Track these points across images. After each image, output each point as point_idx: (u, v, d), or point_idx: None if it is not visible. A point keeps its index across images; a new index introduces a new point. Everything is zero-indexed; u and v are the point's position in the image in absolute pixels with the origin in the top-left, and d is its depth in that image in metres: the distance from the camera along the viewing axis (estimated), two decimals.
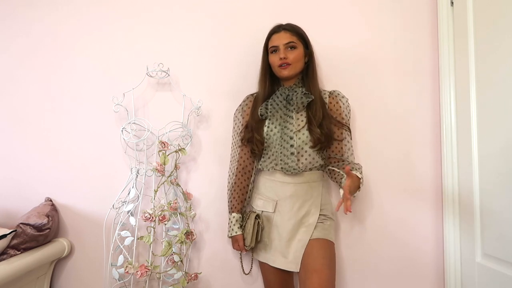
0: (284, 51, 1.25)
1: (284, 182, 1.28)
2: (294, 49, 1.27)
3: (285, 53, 1.25)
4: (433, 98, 1.53)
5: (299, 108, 1.27)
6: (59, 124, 1.59)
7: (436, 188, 1.51)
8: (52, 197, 1.56)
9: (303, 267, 1.19)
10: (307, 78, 1.31)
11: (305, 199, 1.27)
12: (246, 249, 1.31)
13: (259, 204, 1.33)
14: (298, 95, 1.27)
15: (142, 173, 1.45)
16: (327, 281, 1.13)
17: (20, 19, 1.63)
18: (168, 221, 1.36)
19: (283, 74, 1.28)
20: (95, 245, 1.52)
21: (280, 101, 1.29)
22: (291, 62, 1.26)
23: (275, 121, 1.28)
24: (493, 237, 1.21)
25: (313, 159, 1.26)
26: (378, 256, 1.51)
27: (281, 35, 1.27)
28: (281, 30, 1.29)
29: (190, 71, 1.57)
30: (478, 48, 1.30)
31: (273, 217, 1.29)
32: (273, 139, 1.27)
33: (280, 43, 1.26)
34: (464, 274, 1.36)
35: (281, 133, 1.26)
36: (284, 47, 1.26)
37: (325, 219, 1.28)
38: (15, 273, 1.22)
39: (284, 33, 1.27)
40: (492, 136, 1.22)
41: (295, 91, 1.28)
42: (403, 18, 1.55)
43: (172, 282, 1.38)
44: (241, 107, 1.42)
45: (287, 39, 1.26)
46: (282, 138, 1.25)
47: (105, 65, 1.59)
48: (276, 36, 1.28)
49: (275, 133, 1.27)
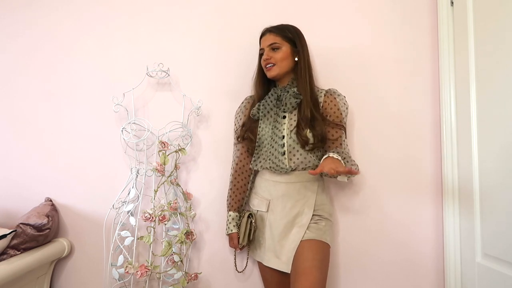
0: (268, 52, 1.30)
1: (276, 182, 1.28)
2: (278, 49, 1.29)
3: (268, 54, 1.29)
4: (433, 98, 1.53)
5: (289, 109, 1.28)
6: (59, 124, 1.59)
7: (436, 188, 1.51)
8: (52, 197, 1.56)
9: (293, 268, 1.18)
10: (296, 77, 1.31)
11: (297, 199, 1.27)
12: (240, 248, 1.35)
13: (254, 203, 1.35)
14: (287, 96, 1.27)
15: (142, 173, 1.45)
16: (315, 284, 1.10)
17: (19, 19, 1.63)
18: (168, 221, 1.36)
19: (269, 75, 1.31)
20: (95, 245, 1.52)
21: (271, 101, 1.30)
22: (275, 62, 1.29)
23: (266, 121, 1.30)
24: (493, 237, 1.21)
25: (304, 158, 1.26)
26: (378, 255, 1.51)
27: (266, 38, 1.32)
28: (267, 32, 1.33)
29: (190, 71, 1.57)
30: (478, 48, 1.30)
31: (267, 216, 1.30)
32: (264, 138, 1.29)
33: (264, 45, 1.31)
34: (464, 274, 1.36)
35: (272, 133, 1.27)
36: (268, 49, 1.30)
37: (319, 220, 1.27)
38: (15, 273, 1.22)
39: (269, 35, 1.32)
40: (492, 135, 1.22)
41: (287, 91, 1.29)
42: (403, 18, 1.55)
43: (172, 282, 1.38)
44: (240, 108, 1.45)
45: (270, 41, 1.30)
46: (272, 138, 1.27)
47: (105, 65, 1.59)
48: (263, 39, 1.34)
49: (266, 132, 1.29)
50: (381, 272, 1.50)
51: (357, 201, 1.52)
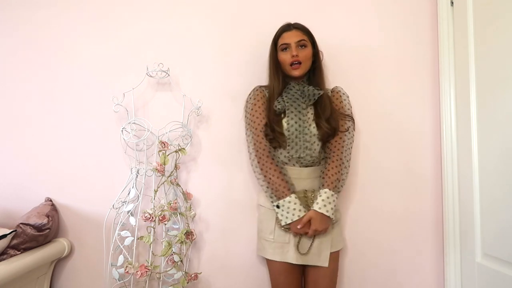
0: (296, 48, 1.28)
1: (301, 178, 1.29)
2: (305, 47, 1.30)
3: (296, 51, 1.28)
4: (433, 98, 1.53)
5: (309, 101, 1.30)
6: (59, 124, 1.59)
7: (436, 188, 1.51)
8: (52, 197, 1.56)
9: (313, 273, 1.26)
10: (314, 76, 1.35)
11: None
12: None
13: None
14: (309, 89, 1.30)
15: (142, 173, 1.45)
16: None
17: (19, 19, 1.63)
18: (168, 221, 1.36)
19: (294, 74, 1.30)
20: (95, 245, 1.52)
21: (295, 93, 1.31)
22: (302, 61, 1.29)
23: (291, 113, 1.29)
24: (493, 237, 1.21)
25: (319, 153, 1.30)
26: (377, 255, 1.51)
27: (292, 33, 1.30)
28: (292, 28, 1.32)
29: (190, 71, 1.57)
30: (478, 48, 1.30)
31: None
32: (292, 130, 1.27)
33: (291, 41, 1.29)
34: (464, 274, 1.36)
35: (298, 125, 1.28)
36: (295, 45, 1.28)
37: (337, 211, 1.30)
38: (15, 273, 1.22)
39: (296, 31, 1.31)
40: (492, 136, 1.22)
41: (306, 85, 1.33)
42: (403, 18, 1.55)
43: (172, 282, 1.38)
44: (252, 100, 1.36)
45: (299, 37, 1.29)
46: (298, 131, 1.27)
47: (105, 65, 1.59)
48: (287, 34, 1.31)
49: (293, 124, 1.28)
50: (381, 271, 1.50)
51: (356, 201, 1.52)
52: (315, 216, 1.19)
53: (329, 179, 1.24)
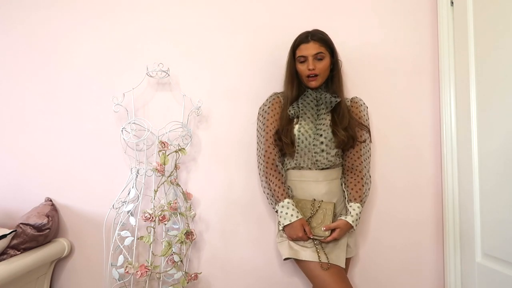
0: (313, 62, 1.28)
1: (318, 181, 1.29)
2: (322, 60, 1.29)
3: (313, 64, 1.28)
4: (433, 98, 1.53)
5: (327, 109, 1.31)
6: (59, 124, 1.59)
7: (436, 188, 1.51)
8: (52, 197, 1.56)
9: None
10: (332, 84, 1.35)
11: (340, 195, 1.32)
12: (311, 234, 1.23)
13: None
14: (326, 96, 1.31)
15: (142, 173, 1.45)
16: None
17: (17, 19, 1.63)
18: (168, 221, 1.36)
19: (311, 85, 1.31)
20: (95, 245, 1.52)
21: (311, 101, 1.32)
22: (319, 73, 1.29)
23: (307, 119, 1.30)
24: (493, 237, 1.21)
25: (335, 158, 1.30)
26: (377, 254, 1.51)
27: (309, 46, 1.29)
28: (310, 40, 1.29)
29: (190, 71, 1.57)
30: (478, 48, 1.30)
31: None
32: (304, 137, 1.28)
33: (308, 53, 1.28)
34: (464, 274, 1.36)
35: (311, 132, 1.28)
36: (312, 58, 1.28)
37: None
38: (15, 273, 1.22)
39: (313, 44, 1.29)
40: (492, 136, 1.22)
41: (323, 93, 1.33)
42: (403, 18, 1.55)
43: (172, 282, 1.38)
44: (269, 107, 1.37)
45: (316, 50, 1.28)
46: (311, 137, 1.28)
47: (105, 65, 1.59)
48: (305, 46, 1.29)
49: (307, 130, 1.28)
50: (381, 270, 1.50)
51: None
52: (343, 227, 1.21)
53: (357, 194, 1.27)
